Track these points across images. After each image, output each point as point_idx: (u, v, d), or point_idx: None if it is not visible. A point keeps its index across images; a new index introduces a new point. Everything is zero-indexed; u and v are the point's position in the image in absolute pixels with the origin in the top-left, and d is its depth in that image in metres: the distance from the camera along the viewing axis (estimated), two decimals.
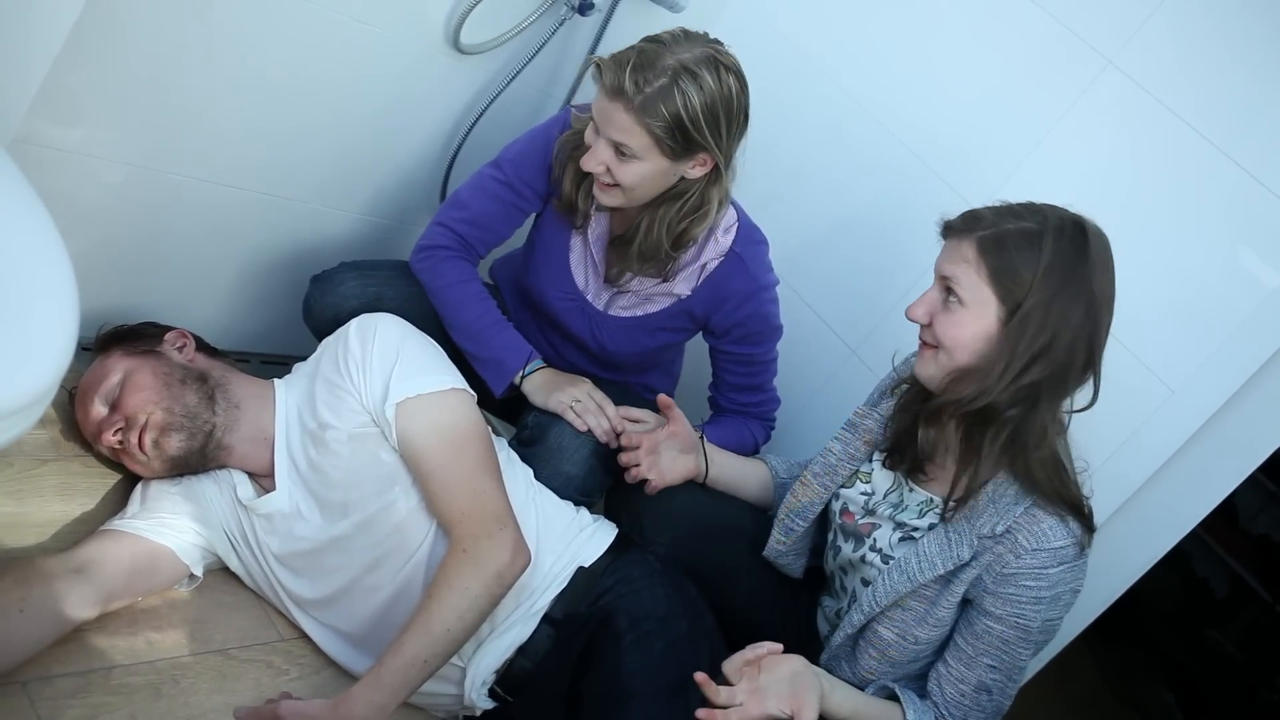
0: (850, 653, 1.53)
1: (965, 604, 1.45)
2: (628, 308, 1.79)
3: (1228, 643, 3.31)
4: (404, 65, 1.85)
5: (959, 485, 1.43)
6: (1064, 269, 1.34)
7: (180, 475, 1.55)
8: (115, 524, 1.47)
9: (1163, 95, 1.73)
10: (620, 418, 1.70)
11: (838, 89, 2.08)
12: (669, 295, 1.77)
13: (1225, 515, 3.14)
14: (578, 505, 1.66)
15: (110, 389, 1.51)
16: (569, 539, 1.57)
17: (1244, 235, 1.66)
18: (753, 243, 1.75)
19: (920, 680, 1.51)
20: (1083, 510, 1.41)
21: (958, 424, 1.43)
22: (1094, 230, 1.38)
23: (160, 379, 1.51)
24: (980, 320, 1.37)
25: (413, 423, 1.47)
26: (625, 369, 1.90)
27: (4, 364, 1.05)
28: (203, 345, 1.65)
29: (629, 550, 1.59)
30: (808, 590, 1.71)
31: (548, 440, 1.68)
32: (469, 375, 1.61)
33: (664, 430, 1.68)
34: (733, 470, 1.75)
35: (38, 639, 1.30)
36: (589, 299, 1.80)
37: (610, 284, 1.78)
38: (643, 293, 1.77)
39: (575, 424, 1.68)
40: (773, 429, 1.92)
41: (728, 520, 1.73)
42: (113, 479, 1.60)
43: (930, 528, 1.49)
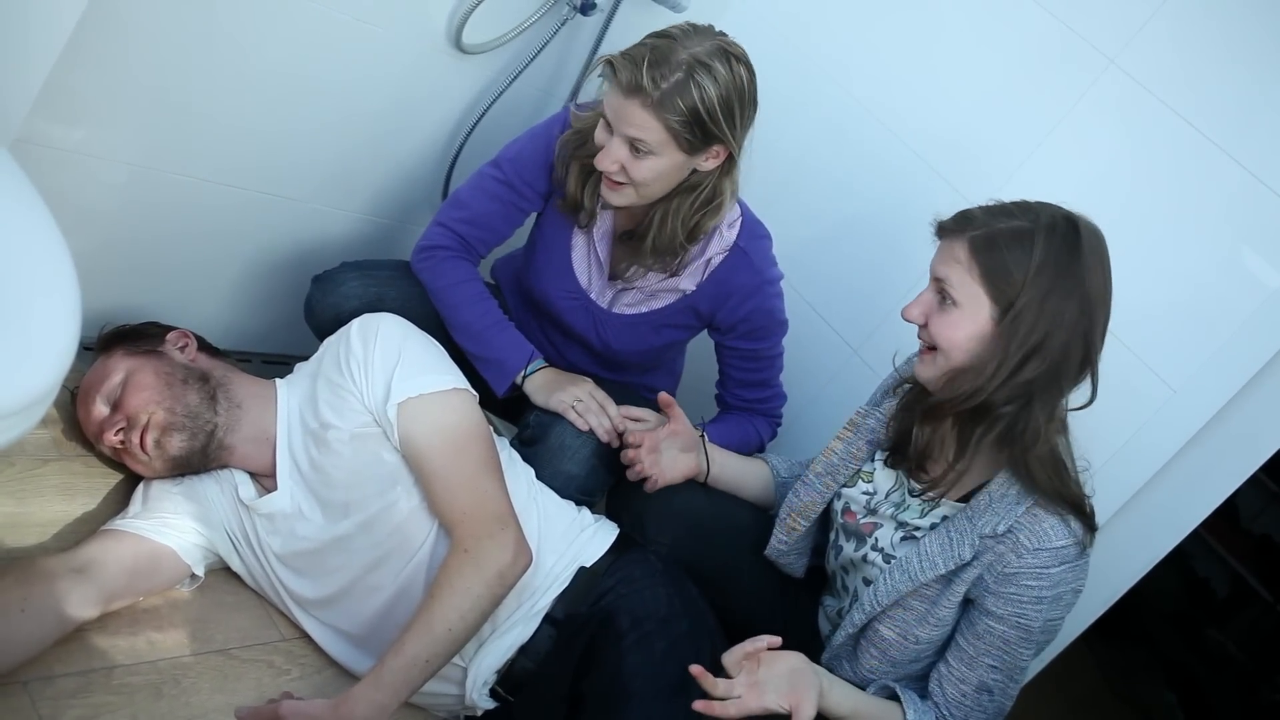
0: (851, 652, 1.53)
1: (967, 604, 1.45)
2: (632, 304, 1.79)
3: (1229, 643, 3.31)
4: (406, 65, 1.85)
5: (946, 479, 1.43)
6: (1056, 267, 1.34)
7: (182, 475, 1.55)
8: (117, 524, 1.47)
9: (1164, 95, 1.73)
10: (621, 417, 1.70)
11: (839, 88, 2.08)
12: (674, 291, 1.77)
13: (1226, 515, 3.14)
14: (579, 505, 1.66)
15: (112, 389, 1.51)
16: (570, 539, 1.57)
17: (1246, 235, 1.66)
18: (756, 237, 1.75)
19: (921, 680, 1.51)
20: (1084, 510, 1.41)
21: (953, 422, 1.43)
22: (1087, 227, 1.38)
23: (162, 379, 1.52)
24: (974, 320, 1.37)
25: (415, 423, 1.47)
26: (628, 368, 1.90)
27: (5, 364, 1.05)
28: (204, 345, 1.65)
29: (630, 550, 1.59)
30: (809, 590, 1.71)
31: (549, 440, 1.68)
32: (470, 375, 1.61)
33: (665, 429, 1.68)
34: (734, 469, 1.75)
35: (39, 639, 1.30)
36: (592, 297, 1.80)
37: (615, 281, 1.78)
38: (648, 289, 1.77)
39: (577, 423, 1.68)
40: (779, 425, 1.92)
41: (729, 520, 1.73)
42: (114, 479, 1.60)
43: (932, 527, 1.49)
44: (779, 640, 1.35)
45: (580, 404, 1.69)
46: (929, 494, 1.47)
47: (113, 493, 1.58)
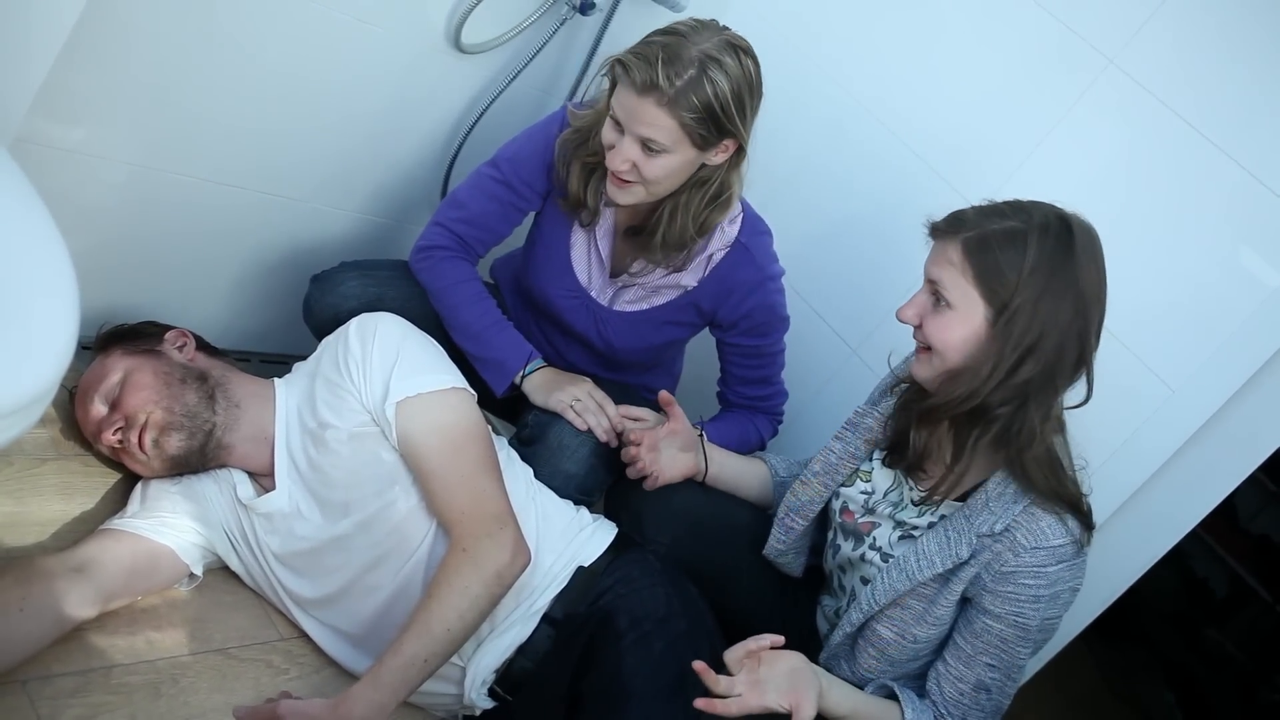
0: (849, 651, 1.53)
1: (964, 603, 1.45)
2: (633, 302, 1.79)
3: (1228, 642, 3.31)
4: (405, 65, 1.85)
5: (945, 482, 1.43)
6: (1050, 267, 1.34)
7: (180, 474, 1.55)
8: (115, 523, 1.47)
9: (1164, 95, 1.73)
10: (620, 416, 1.70)
11: (839, 88, 2.08)
12: (676, 287, 1.77)
13: (1225, 515, 3.14)
14: (577, 504, 1.65)
15: (110, 388, 1.51)
16: (569, 538, 1.57)
17: (1245, 235, 1.66)
18: (758, 233, 1.75)
19: (919, 679, 1.51)
20: (1081, 508, 1.41)
21: (950, 424, 1.43)
22: (1080, 225, 1.37)
23: (160, 378, 1.51)
24: (968, 322, 1.37)
25: (413, 422, 1.47)
26: (628, 368, 1.90)
27: (4, 363, 1.05)
28: (203, 344, 1.65)
29: (629, 549, 1.59)
30: (808, 589, 1.71)
31: (548, 439, 1.68)
32: (469, 375, 1.61)
33: (664, 428, 1.69)
34: (732, 469, 1.75)
35: (38, 638, 1.30)
36: (593, 295, 1.79)
37: (616, 278, 1.77)
38: (650, 285, 1.77)
39: (575, 423, 1.68)
40: (780, 423, 1.92)
41: (728, 519, 1.73)
42: (113, 478, 1.60)
43: (930, 526, 1.49)
44: (781, 640, 1.35)
45: (579, 403, 1.69)
46: (931, 498, 1.46)
47: (111, 492, 1.58)
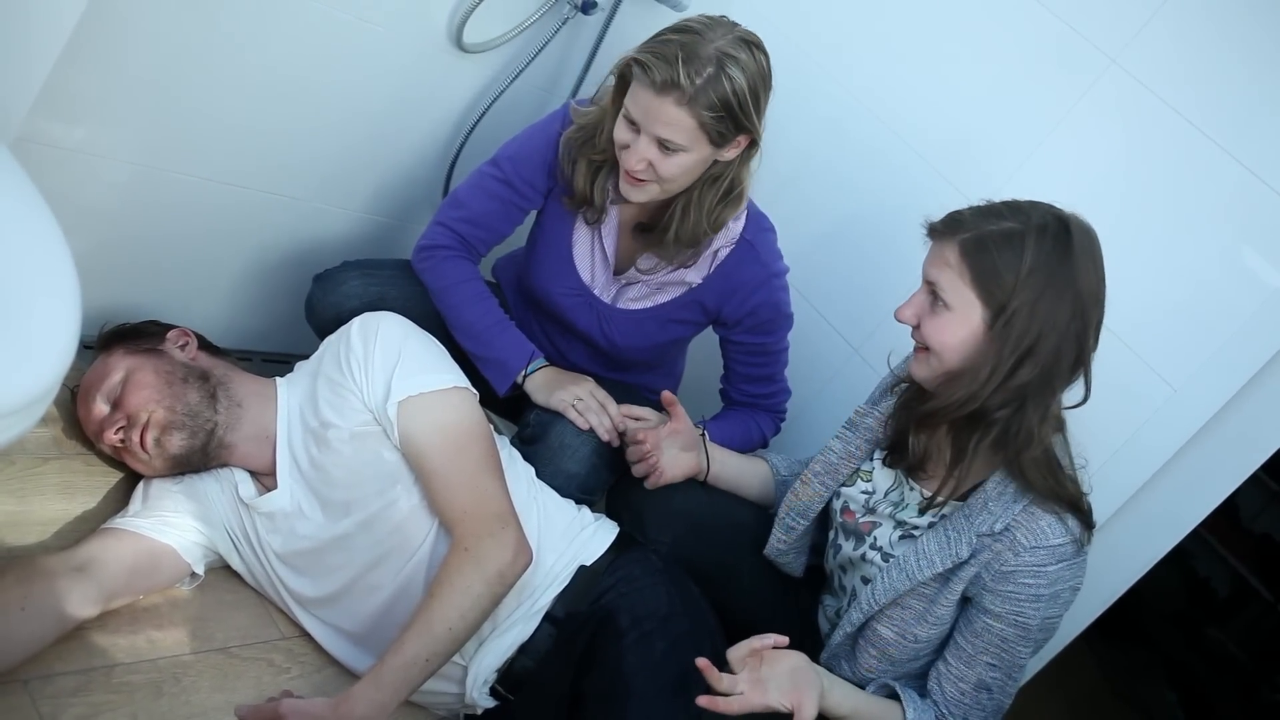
0: (850, 651, 1.53)
1: (965, 602, 1.45)
2: (636, 299, 1.79)
3: (1229, 642, 3.31)
4: (407, 64, 1.85)
5: (946, 487, 1.43)
6: (1047, 269, 1.33)
7: (182, 474, 1.55)
8: (117, 522, 1.48)
9: (1165, 94, 1.73)
10: (622, 415, 1.70)
11: (840, 87, 2.07)
12: (681, 284, 1.76)
13: (1227, 514, 3.14)
14: (579, 504, 1.66)
15: (112, 387, 1.51)
16: (570, 537, 1.57)
17: (1247, 234, 1.66)
18: (762, 230, 1.75)
19: (920, 679, 1.51)
20: (1081, 508, 1.40)
21: (949, 428, 1.43)
22: (1079, 226, 1.37)
23: (162, 377, 1.52)
24: (965, 323, 1.37)
25: (415, 421, 1.47)
26: (630, 366, 1.90)
27: (6, 362, 1.05)
28: (205, 344, 1.65)
29: (630, 549, 1.59)
30: (809, 589, 1.71)
31: (549, 438, 1.68)
32: (471, 374, 1.61)
33: (666, 427, 1.69)
34: (734, 468, 1.75)
35: (39, 637, 1.30)
36: (596, 293, 1.79)
37: (620, 276, 1.77)
38: (654, 282, 1.76)
39: (577, 422, 1.68)
40: (783, 421, 1.92)
41: (729, 518, 1.73)
42: (114, 477, 1.60)
43: (930, 526, 1.49)
44: (785, 639, 1.36)
45: (580, 403, 1.69)
46: (933, 503, 1.46)
47: (113, 491, 1.58)
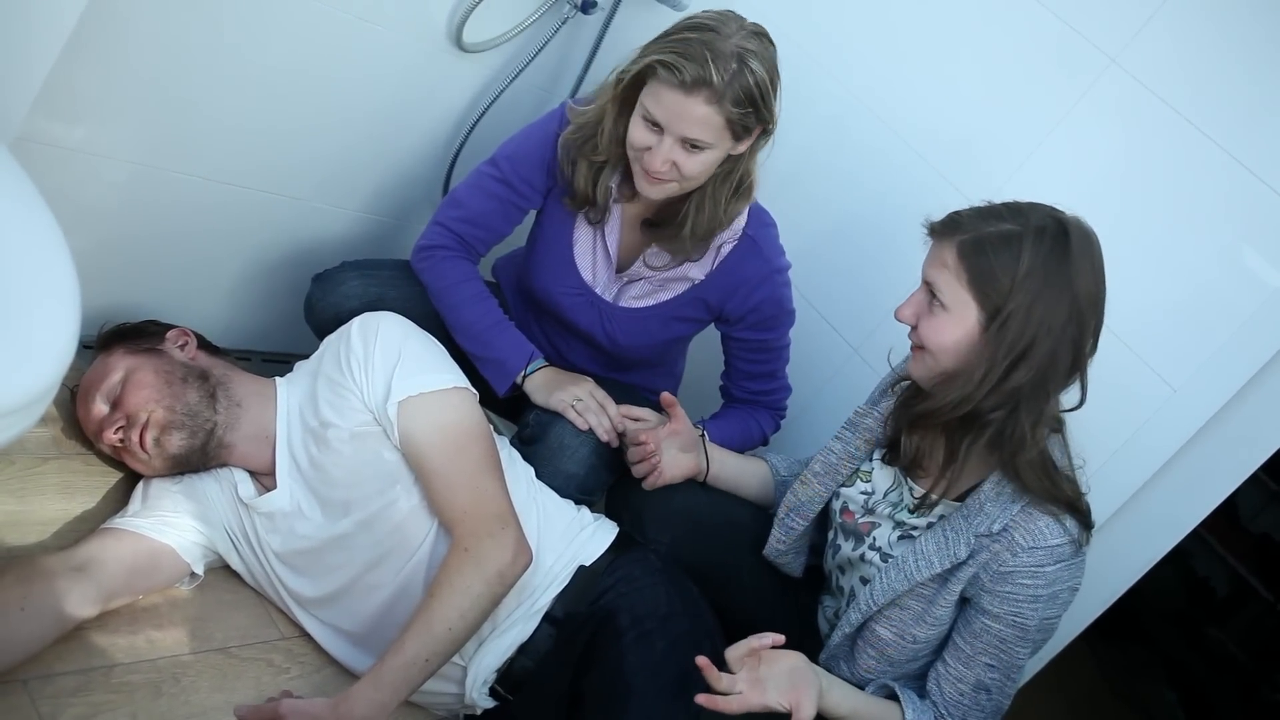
0: (849, 652, 1.53)
1: (963, 603, 1.45)
2: (639, 297, 1.79)
3: (1229, 642, 3.31)
4: (406, 64, 1.85)
5: (939, 487, 1.43)
6: (1044, 271, 1.33)
7: (181, 473, 1.55)
8: (116, 522, 1.48)
9: (1165, 94, 1.73)
10: (621, 416, 1.70)
11: (840, 86, 2.07)
12: (684, 280, 1.76)
13: (1226, 514, 3.14)
14: (579, 504, 1.65)
15: (112, 387, 1.51)
16: (570, 538, 1.57)
17: (1247, 234, 1.66)
18: (764, 225, 1.75)
19: (919, 680, 1.50)
20: (1079, 508, 1.40)
21: (942, 429, 1.43)
22: (1077, 229, 1.36)
23: (162, 377, 1.52)
24: (961, 324, 1.37)
25: (415, 421, 1.47)
26: (631, 366, 1.89)
27: (5, 362, 1.05)
28: (204, 343, 1.65)
29: (630, 549, 1.59)
30: (808, 589, 1.71)
31: (549, 439, 1.68)
32: (471, 375, 1.61)
33: (665, 428, 1.68)
34: (733, 468, 1.75)
35: (39, 637, 1.30)
36: (597, 292, 1.79)
37: (622, 274, 1.77)
38: (656, 279, 1.76)
39: (576, 423, 1.68)
40: (783, 418, 1.92)
41: (729, 519, 1.72)
42: (114, 477, 1.60)
43: (929, 526, 1.49)
44: (783, 639, 1.35)
45: (580, 403, 1.69)
46: (925, 503, 1.46)
47: (112, 491, 1.58)
